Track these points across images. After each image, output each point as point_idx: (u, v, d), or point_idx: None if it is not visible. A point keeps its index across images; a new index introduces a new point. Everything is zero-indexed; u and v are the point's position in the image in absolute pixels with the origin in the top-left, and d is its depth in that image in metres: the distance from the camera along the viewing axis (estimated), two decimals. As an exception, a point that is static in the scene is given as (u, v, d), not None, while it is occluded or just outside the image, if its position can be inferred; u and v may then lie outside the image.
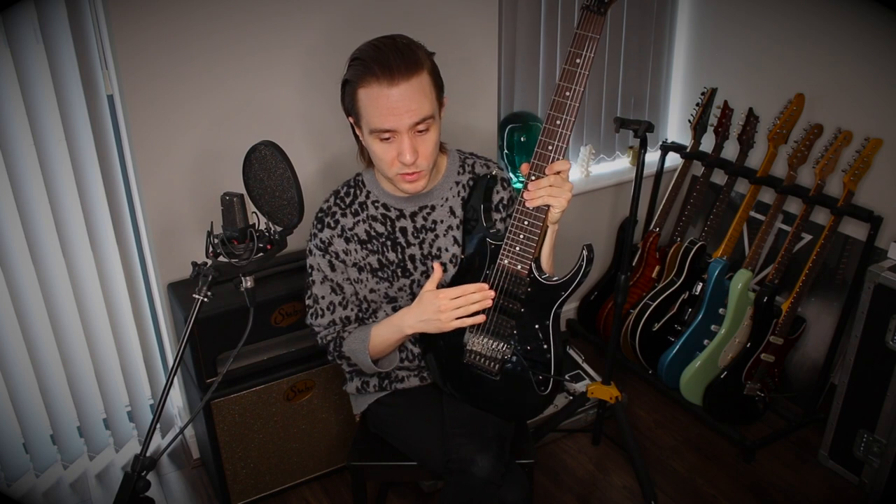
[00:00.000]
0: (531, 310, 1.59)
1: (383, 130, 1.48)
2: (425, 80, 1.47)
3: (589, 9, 1.40)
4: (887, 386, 2.16)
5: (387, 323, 1.67)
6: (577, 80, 1.43)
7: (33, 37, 1.90)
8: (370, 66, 1.44)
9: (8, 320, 2.13)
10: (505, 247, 1.56)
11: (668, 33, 2.96)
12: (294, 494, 2.31)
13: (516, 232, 1.53)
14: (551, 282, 1.56)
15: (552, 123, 1.46)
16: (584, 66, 1.42)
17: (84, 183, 2.08)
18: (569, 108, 1.45)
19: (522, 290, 1.57)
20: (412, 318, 1.61)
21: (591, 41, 1.41)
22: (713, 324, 2.56)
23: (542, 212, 1.50)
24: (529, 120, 2.66)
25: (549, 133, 1.47)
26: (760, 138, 2.67)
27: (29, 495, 2.30)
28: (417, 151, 1.51)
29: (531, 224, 1.52)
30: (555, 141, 1.47)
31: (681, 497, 2.30)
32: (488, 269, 1.59)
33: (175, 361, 1.48)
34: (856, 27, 2.41)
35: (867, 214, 2.34)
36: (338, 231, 1.68)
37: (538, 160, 1.49)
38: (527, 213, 1.51)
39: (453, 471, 1.56)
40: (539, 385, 1.64)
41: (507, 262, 1.56)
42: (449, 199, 1.68)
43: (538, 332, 1.60)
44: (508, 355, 1.62)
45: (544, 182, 1.47)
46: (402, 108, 1.45)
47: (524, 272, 1.55)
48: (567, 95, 1.44)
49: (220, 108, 2.06)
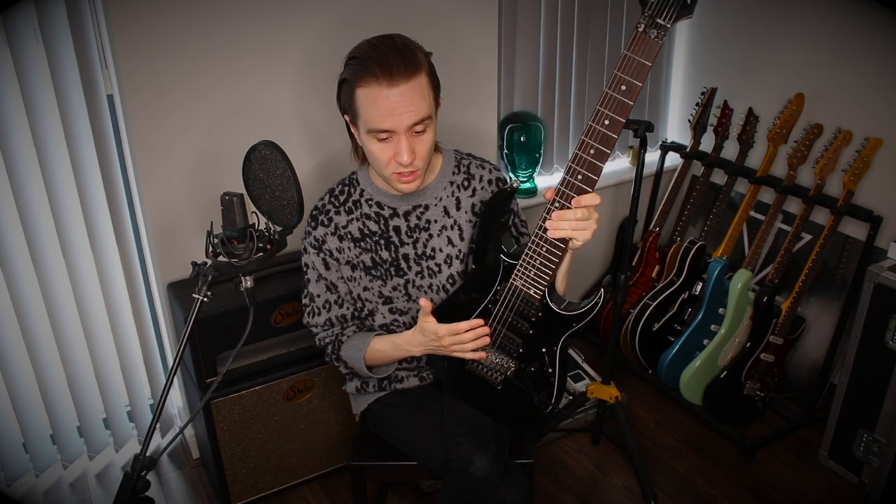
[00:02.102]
0: (540, 333, 1.57)
1: (381, 130, 1.48)
2: (424, 81, 1.47)
3: (647, 30, 1.22)
4: (887, 386, 2.16)
5: (390, 342, 1.68)
6: (620, 109, 1.28)
7: (33, 37, 1.90)
8: (369, 65, 1.43)
9: (8, 320, 2.13)
10: (519, 268, 1.52)
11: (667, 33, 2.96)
12: (294, 494, 2.31)
13: (533, 257, 1.47)
14: (563, 312, 1.53)
15: (585, 151, 1.33)
16: (630, 96, 1.26)
17: (84, 183, 2.08)
18: (606, 140, 1.30)
19: (533, 313, 1.55)
20: (416, 345, 1.63)
21: (641, 69, 1.25)
22: (713, 324, 2.56)
23: (564, 242, 1.43)
24: (529, 120, 2.67)
25: (581, 161, 1.34)
26: (760, 138, 2.67)
27: (29, 495, 2.30)
28: (414, 152, 1.51)
29: (549, 252, 1.45)
30: (585, 170, 1.34)
31: (681, 497, 2.30)
32: (500, 285, 1.57)
33: (175, 361, 1.48)
34: (856, 27, 2.41)
35: (867, 214, 2.34)
36: (331, 229, 1.68)
37: (565, 187, 1.38)
38: (546, 241, 1.44)
39: (452, 470, 1.56)
40: (540, 404, 1.64)
41: (520, 284, 1.53)
42: (443, 198, 1.68)
43: (544, 356, 1.60)
44: (511, 372, 1.62)
45: (570, 215, 1.38)
46: (401, 108, 1.45)
47: (537, 297, 1.52)
48: (606, 125, 1.29)
49: (220, 108, 2.06)
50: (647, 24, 1.21)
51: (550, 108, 2.79)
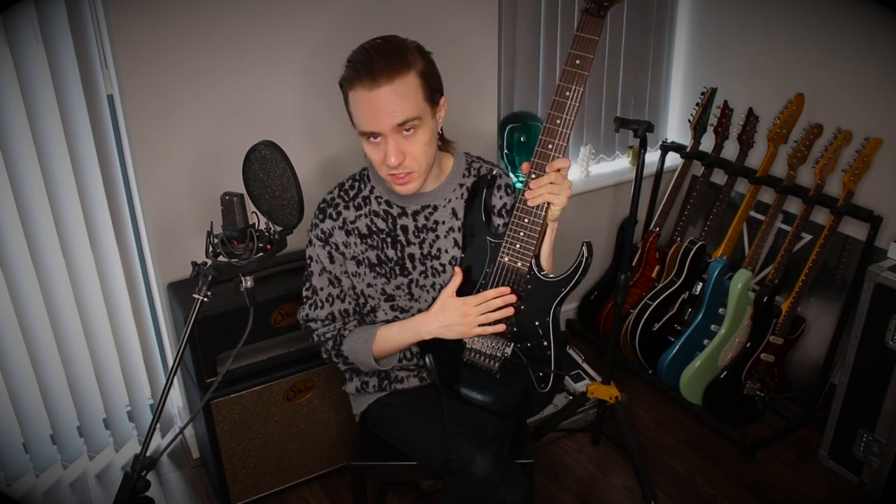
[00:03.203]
0: (531, 306, 1.60)
1: (368, 132, 1.50)
2: (411, 82, 1.47)
3: (588, 11, 1.44)
4: (887, 386, 2.16)
5: (400, 326, 1.68)
6: (577, 80, 1.46)
7: (33, 37, 1.90)
8: (357, 68, 1.46)
9: (8, 320, 2.13)
10: (505, 244, 1.57)
11: (668, 33, 2.97)
12: (294, 494, 2.31)
13: (516, 230, 1.55)
14: (551, 278, 1.58)
15: (552, 123, 1.49)
16: (584, 68, 1.46)
17: (84, 183, 2.08)
18: (569, 108, 1.48)
19: (522, 286, 1.58)
20: (434, 323, 1.63)
21: (590, 43, 1.45)
22: (713, 324, 2.56)
23: (543, 209, 1.52)
24: (529, 120, 2.66)
25: (550, 132, 1.50)
26: (760, 138, 2.67)
27: (29, 495, 2.30)
28: (404, 153, 1.51)
29: (531, 222, 1.54)
30: (555, 140, 1.50)
31: (681, 497, 2.30)
32: (488, 267, 1.61)
33: (175, 361, 1.48)
34: (856, 27, 2.41)
35: (867, 214, 2.34)
36: (339, 223, 1.68)
37: (539, 159, 1.51)
38: (527, 211, 1.54)
39: (452, 470, 1.56)
40: (539, 382, 1.64)
41: (507, 260, 1.58)
42: (452, 200, 1.68)
43: (538, 329, 1.61)
44: (508, 353, 1.62)
45: (545, 180, 1.49)
46: (382, 110, 1.46)
47: (524, 269, 1.57)
48: (567, 95, 1.47)
49: (220, 108, 2.06)
50: (591, 4, 1.44)
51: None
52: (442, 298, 1.63)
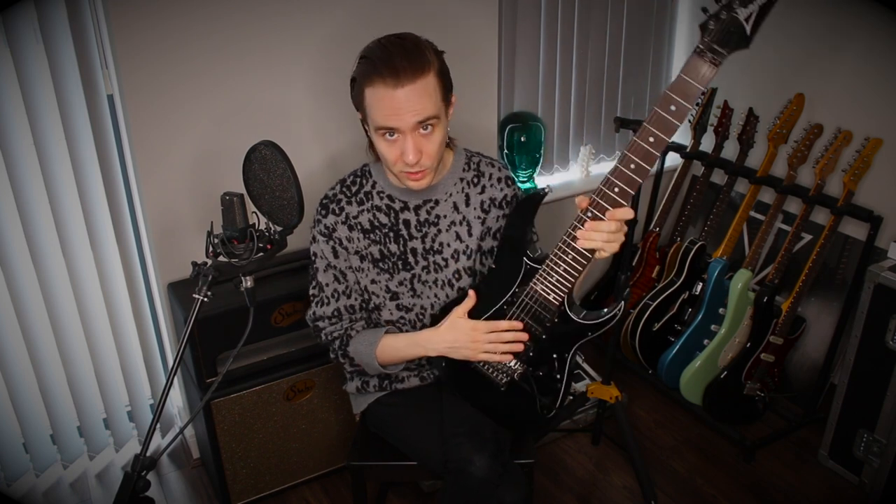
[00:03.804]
0: (553, 338, 1.58)
1: (387, 129, 1.49)
2: (431, 81, 1.48)
3: (699, 53, 1.22)
4: (887, 386, 2.16)
5: (407, 339, 1.68)
6: (667, 129, 1.29)
7: (33, 37, 1.90)
8: (377, 66, 1.45)
9: (8, 320, 2.13)
10: (541, 272, 1.52)
11: (668, 33, 2.96)
12: (294, 494, 2.31)
13: (557, 263, 1.48)
14: (581, 320, 1.54)
15: (626, 165, 1.34)
16: (679, 117, 1.27)
17: (84, 183, 2.08)
18: (648, 156, 1.32)
19: (549, 318, 1.56)
20: (442, 342, 1.63)
21: (693, 91, 1.25)
22: (713, 324, 2.56)
23: (591, 252, 1.45)
24: (529, 120, 2.67)
25: (620, 175, 1.35)
26: (760, 138, 2.67)
27: (29, 495, 2.30)
28: (421, 151, 1.51)
29: (575, 260, 1.46)
30: (624, 185, 1.35)
31: (681, 497, 2.30)
32: (518, 287, 1.57)
33: (175, 361, 1.48)
34: (856, 27, 2.41)
35: (867, 214, 2.34)
36: (342, 218, 1.68)
37: (600, 198, 1.39)
38: (573, 249, 1.45)
39: (452, 470, 1.56)
40: (543, 408, 1.64)
41: (540, 289, 1.54)
42: (453, 194, 1.69)
43: (554, 362, 1.60)
44: (518, 374, 1.62)
45: (604, 227, 1.40)
46: (405, 108, 1.46)
47: (555, 303, 1.53)
48: (651, 142, 1.30)
49: (220, 108, 2.06)
50: (704, 48, 1.22)
51: (550, 108, 2.79)
52: (452, 318, 1.62)
